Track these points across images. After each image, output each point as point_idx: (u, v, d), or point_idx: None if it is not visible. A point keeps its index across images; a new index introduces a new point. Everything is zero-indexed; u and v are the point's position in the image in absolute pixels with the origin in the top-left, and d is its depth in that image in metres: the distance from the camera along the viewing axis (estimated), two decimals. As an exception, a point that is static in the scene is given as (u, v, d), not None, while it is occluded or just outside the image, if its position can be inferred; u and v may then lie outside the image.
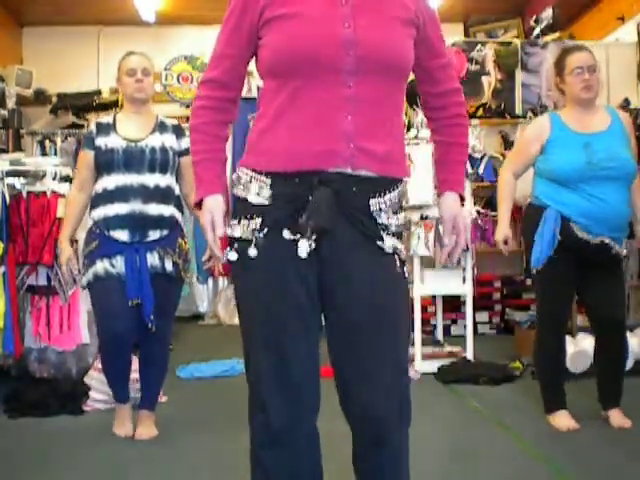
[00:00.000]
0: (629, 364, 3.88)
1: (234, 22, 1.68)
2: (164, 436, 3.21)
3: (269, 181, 1.61)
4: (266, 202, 1.61)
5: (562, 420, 3.26)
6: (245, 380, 1.69)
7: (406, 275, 1.71)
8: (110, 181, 3.09)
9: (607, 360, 3.30)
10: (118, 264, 3.06)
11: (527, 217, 3.34)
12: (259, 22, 1.64)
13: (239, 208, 1.66)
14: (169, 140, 3.18)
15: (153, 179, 3.10)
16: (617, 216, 3.13)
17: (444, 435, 3.20)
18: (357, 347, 1.63)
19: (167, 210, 3.13)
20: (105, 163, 3.11)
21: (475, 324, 5.51)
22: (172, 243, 3.14)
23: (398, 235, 1.69)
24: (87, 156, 3.17)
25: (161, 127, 3.21)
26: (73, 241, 3.34)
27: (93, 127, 3.21)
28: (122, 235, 3.06)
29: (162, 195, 3.12)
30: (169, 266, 3.12)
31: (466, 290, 4.59)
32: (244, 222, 1.63)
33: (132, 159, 3.09)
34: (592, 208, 3.09)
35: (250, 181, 1.64)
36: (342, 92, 1.59)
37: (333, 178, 1.58)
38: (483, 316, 5.97)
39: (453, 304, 5.62)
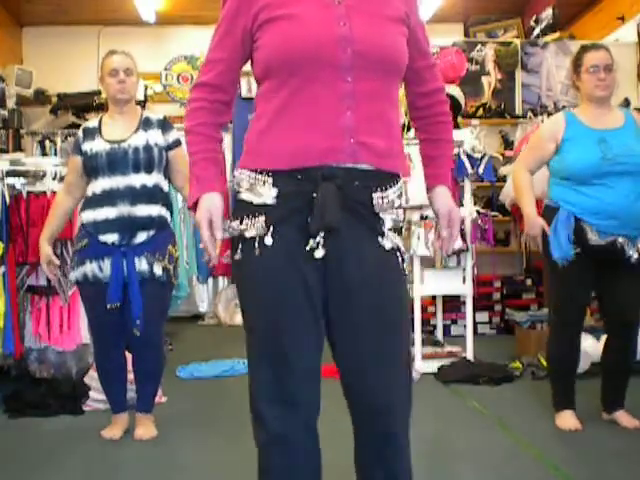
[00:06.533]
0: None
1: (226, 26, 1.68)
2: (164, 436, 3.21)
3: (271, 180, 1.61)
4: (269, 201, 1.61)
5: (566, 420, 3.26)
6: (244, 380, 1.68)
7: (405, 271, 1.72)
8: (97, 185, 3.08)
9: (614, 362, 3.29)
10: (106, 268, 3.05)
11: (543, 219, 3.27)
12: (253, 25, 1.64)
13: (241, 209, 1.65)
14: (154, 136, 3.13)
15: (139, 179, 3.07)
16: (632, 213, 3.08)
17: (444, 435, 3.20)
18: (359, 345, 1.64)
19: (155, 210, 3.09)
20: (91, 168, 3.09)
21: (475, 324, 5.52)
22: (161, 247, 3.10)
23: (398, 231, 1.71)
24: (74, 161, 3.17)
25: (145, 124, 3.16)
26: (57, 242, 3.31)
27: (80, 132, 3.20)
28: (111, 238, 3.04)
29: (150, 195, 3.08)
30: (158, 271, 3.09)
31: (466, 290, 4.58)
32: (247, 222, 1.62)
33: (115, 161, 3.06)
34: (604, 206, 3.07)
35: (251, 181, 1.63)
36: (340, 89, 1.60)
37: (336, 173, 1.59)
38: (483, 316, 5.98)
39: (453, 304, 5.62)
